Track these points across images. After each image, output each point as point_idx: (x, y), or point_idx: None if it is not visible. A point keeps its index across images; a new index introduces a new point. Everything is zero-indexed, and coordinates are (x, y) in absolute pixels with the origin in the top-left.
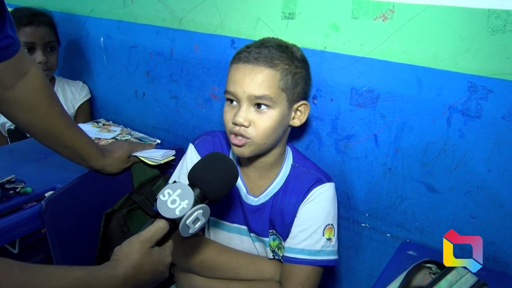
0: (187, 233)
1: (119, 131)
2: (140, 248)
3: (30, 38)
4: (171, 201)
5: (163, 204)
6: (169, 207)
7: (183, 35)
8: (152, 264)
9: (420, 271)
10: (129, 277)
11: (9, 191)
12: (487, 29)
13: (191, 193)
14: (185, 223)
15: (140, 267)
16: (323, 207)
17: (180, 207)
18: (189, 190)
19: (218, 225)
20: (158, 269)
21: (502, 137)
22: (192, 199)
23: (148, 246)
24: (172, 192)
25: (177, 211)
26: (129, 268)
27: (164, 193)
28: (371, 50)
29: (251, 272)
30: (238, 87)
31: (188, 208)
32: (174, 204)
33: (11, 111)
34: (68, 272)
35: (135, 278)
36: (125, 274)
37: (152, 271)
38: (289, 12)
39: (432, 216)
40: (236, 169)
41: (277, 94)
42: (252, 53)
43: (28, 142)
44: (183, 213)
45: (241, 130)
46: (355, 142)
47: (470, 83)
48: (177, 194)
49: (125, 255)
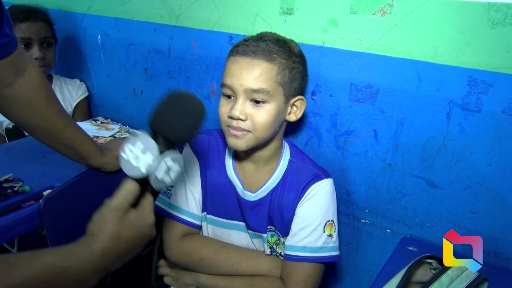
0: (163, 186)
1: (117, 129)
2: (113, 217)
3: (26, 33)
4: (134, 158)
5: (126, 163)
6: (133, 166)
7: (181, 32)
8: (131, 230)
9: (421, 267)
10: (108, 250)
11: (7, 190)
12: (487, 23)
13: (153, 144)
14: (156, 178)
15: (118, 237)
16: (322, 203)
17: (145, 163)
18: (150, 141)
19: (216, 222)
20: (140, 232)
21: (503, 132)
22: (155, 151)
23: (120, 213)
24: (133, 147)
25: (142, 168)
26: (106, 242)
27: (125, 150)
28: (370, 45)
29: (250, 268)
30: (235, 80)
31: (154, 162)
32: (138, 160)
33: (10, 109)
34: (33, 259)
35: (115, 250)
36: (102, 249)
37: (134, 237)
38: (287, 8)
39: (432, 212)
40: (199, 104)
41: (274, 88)
42: (250, 46)
43: (26, 140)
44: (149, 168)
45: (239, 124)
46: (354, 138)
47: (470, 77)
48: (139, 149)
49: (99, 228)
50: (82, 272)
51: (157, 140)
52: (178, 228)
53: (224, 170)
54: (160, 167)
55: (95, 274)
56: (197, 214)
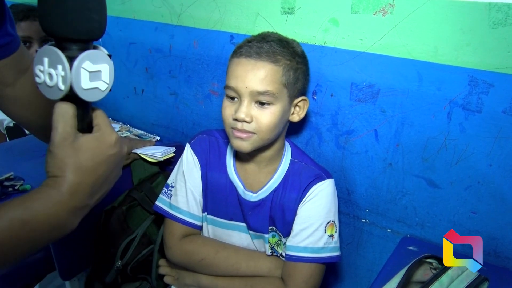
0: (99, 93)
1: (118, 128)
2: (64, 150)
3: (26, 32)
4: (48, 78)
5: (43, 87)
6: (51, 86)
7: (182, 31)
8: (93, 156)
9: (421, 267)
10: (77, 186)
11: (8, 189)
12: (488, 23)
13: (58, 53)
14: (82, 89)
15: (81, 168)
16: (323, 204)
17: (59, 78)
18: (55, 50)
19: (216, 223)
20: (105, 155)
21: (503, 132)
22: (64, 59)
23: (69, 142)
24: (42, 66)
25: (59, 84)
26: (70, 178)
27: (37, 73)
28: (371, 45)
29: (251, 268)
30: (240, 82)
31: (67, 72)
32: (52, 79)
33: (11, 108)
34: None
35: (84, 183)
36: (69, 187)
37: (100, 162)
38: (289, 7)
39: (432, 211)
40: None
41: (279, 89)
42: (253, 48)
43: (27, 139)
44: (68, 82)
45: (244, 126)
46: (355, 138)
47: (471, 77)
48: (48, 65)
49: (57, 167)
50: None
51: (63, 46)
52: (179, 228)
53: (225, 170)
54: (81, 75)
55: (69, 216)
56: (198, 214)
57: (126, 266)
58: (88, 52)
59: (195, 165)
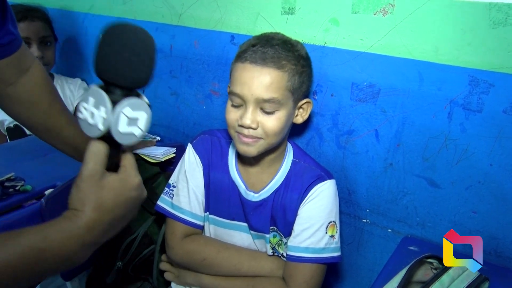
0: (135, 139)
1: None
2: (90, 186)
3: (24, 33)
4: (90, 116)
5: (84, 123)
6: (91, 124)
7: (183, 31)
8: (115, 196)
9: (422, 266)
10: (94, 223)
11: (9, 189)
12: (488, 23)
13: (104, 96)
14: (119, 132)
15: (102, 207)
16: (325, 204)
17: (100, 119)
18: (101, 92)
19: (218, 222)
20: (127, 197)
21: (504, 131)
22: (108, 103)
23: (96, 179)
24: (86, 104)
25: (99, 125)
26: (89, 214)
27: (80, 109)
28: (371, 45)
29: (252, 268)
30: (245, 89)
31: (109, 115)
32: (94, 118)
33: (13, 108)
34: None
35: (101, 220)
36: (87, 222)
37: (120, 203)
38: (289, 7)
39: (433, 211)
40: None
41: (285, 95)
42: (258, 53)
43: (28, 140)
44: (107, 124)
45: (250, 132)
46: (356, 137)
47: (472, 77)
48: (93, 105)
49: (80, 202)
50: (67, 249)
51: (109, 90)
52: (180, 228)
53: (227, 170)
54: (120, 119)
55: (82, 250)
56: (200, 214)
57: (127, 266)
58: (130, 99)
59: (197, 165)
